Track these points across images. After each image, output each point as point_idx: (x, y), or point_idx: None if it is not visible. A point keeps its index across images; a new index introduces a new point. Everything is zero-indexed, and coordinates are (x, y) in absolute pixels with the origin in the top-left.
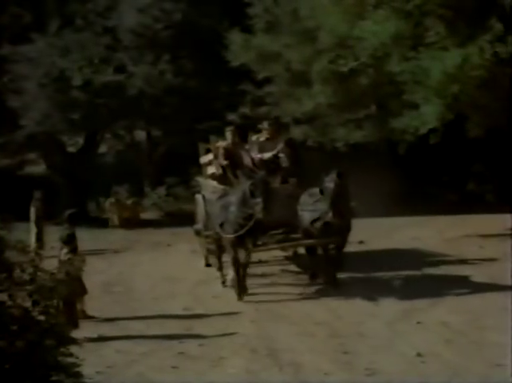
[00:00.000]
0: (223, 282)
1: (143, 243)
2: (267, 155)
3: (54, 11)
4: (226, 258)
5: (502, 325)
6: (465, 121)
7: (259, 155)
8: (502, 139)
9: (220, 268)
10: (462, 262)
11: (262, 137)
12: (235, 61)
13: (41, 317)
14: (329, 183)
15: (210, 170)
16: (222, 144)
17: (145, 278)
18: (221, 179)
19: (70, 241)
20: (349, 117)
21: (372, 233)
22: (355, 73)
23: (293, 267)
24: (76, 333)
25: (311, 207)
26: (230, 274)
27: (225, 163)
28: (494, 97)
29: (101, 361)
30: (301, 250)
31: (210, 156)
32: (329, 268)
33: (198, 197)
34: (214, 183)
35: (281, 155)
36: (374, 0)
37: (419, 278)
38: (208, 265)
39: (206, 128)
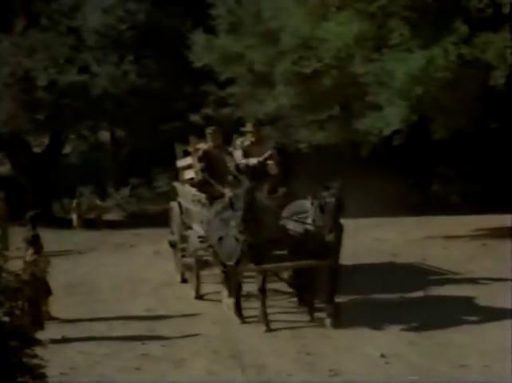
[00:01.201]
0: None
1: (107, 244)
2: (253, 160)
3: (20, 11)
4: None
5: (466, 326)
6: (429, 123)
7: (244, 161)
8: (466, 140)
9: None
10: (426, 263)
11: (247, 141)
12: (198, 62)
13: (6, 319)
14: (330, 198)
15: (188, 175)
16: (203, 146)
17: (108, 279)
18: (201, 185)
19: (35, 242)
20: (312, 118)
21: None
22: (318, 74)
23: (283, 286)
24: (40, 335)
25: (300, 222)
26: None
27: (199, 165)
28: (459, 99)
29: (65, 363)
30: None
31: (189, 160)
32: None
33: (174, 205)
34: (193, 189)
35: (269, 161)
36: (337, 1)
37: (382, 279)
38: (184, 281)
39: (170, 129)
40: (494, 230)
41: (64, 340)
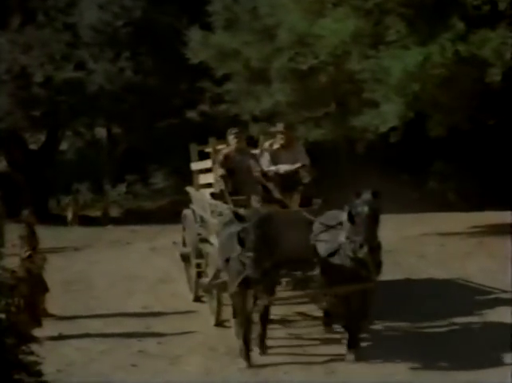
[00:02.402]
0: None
1: (103, 241)
2: (283, 167)
3: (16, 7)
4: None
5: (460, 326)
6: (426, 120)
7: (273, 168)
8: (463, 137)
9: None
10: (422, 260)
11: (276, 144)
12: (194, 59)
13: (2, 316)
14: (362, 207)
15: (204, 179)
16: (224, 149)
17: (105, 276)
18: (220, 194)
19: (31, 239)
20: (309, 115)
21: None
22: (314, 70)
23: (313, 308)
24: (36, 332)
25: (328, 237)
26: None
27: (220, 172)
28: (455, 96)
29: (61, 360)
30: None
31: (207, 163)
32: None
33: (187, 213)
34: (209, 196)
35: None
36: None
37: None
38: (197, 299)
39: (166, 125)
40: (490, 227)
41: (61, 337)
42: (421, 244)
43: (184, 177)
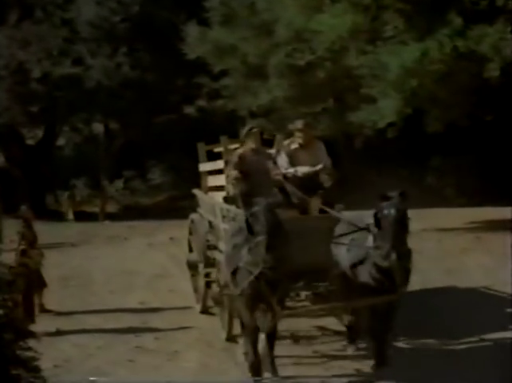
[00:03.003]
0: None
1: (101, 237)
2: (302, 169)
3: (13, 3)
4: None
5: (463, 324)
6: (423, 115)
7: (291, 170)
8: (461, 132)
9: None
10: (419, 255)
11: (294, 143)
12: (191, 54)
13: (0, 311)
14: (389, 209)
15: (214, 181)
16: (239, 149)
17: (102, 272)
18: (234, 198)
19: (28, 235)
20: (306, 111)
21: None
22: (312, 66)
23: (332, 322)
24: (34, 327)
25: (350, 243)
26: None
27: (234, 175)
28: (453, 91)
29: (58, 355)
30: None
31: (217, 164)
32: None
33: (195, 217)
34: (220, 200)
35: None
36: None
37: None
38: (205, 311)
39: (163, 121)
40: (488, 223)
41: (58, 332)
42: (419, 240)
43: (181, 173)
